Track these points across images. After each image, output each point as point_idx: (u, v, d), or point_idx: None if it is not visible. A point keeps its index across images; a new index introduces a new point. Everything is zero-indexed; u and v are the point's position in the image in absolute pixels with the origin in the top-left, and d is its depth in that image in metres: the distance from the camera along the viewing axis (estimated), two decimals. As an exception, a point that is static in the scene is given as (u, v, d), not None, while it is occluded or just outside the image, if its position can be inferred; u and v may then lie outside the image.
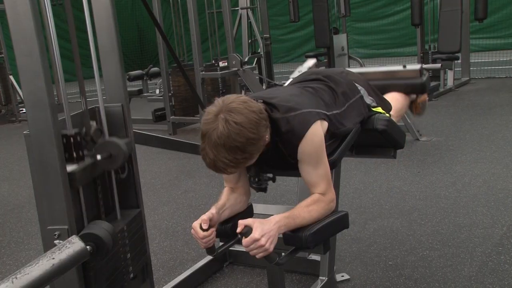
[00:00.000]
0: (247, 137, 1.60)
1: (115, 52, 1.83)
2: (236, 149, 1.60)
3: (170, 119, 6.55)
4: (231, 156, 1.60)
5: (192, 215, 3.62)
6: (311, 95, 1.96)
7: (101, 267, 1.64)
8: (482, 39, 11.12)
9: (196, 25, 5.99)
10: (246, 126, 1.60)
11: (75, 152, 1.60)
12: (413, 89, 2.56)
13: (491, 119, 5.60)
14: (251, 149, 1.64)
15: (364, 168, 4.26)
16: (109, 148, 1.68)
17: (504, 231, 2.89)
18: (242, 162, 1.66)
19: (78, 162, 1.61)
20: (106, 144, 1.69)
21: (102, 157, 1.66)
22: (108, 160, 1.67)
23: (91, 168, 1.66)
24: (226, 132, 1.58)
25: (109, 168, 1.72)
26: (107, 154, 1.67)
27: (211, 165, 1.64)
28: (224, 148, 1.59)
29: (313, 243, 1.72)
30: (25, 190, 4.58)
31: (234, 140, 1.58)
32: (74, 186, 1.57)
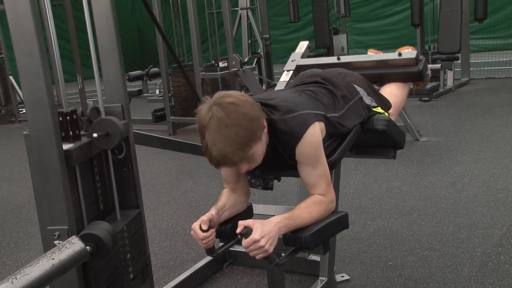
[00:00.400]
0: (244, 112, 1.63)
1: (115, 52, 1.83)
2: (239, 127, 1.61)
3: (170, 119, 6.55)
4: (236, 137, 1.60)
5: (192, 215, 3.62)
6: (310, 98, 1.96)
7: (101, 268, 1.64)
8: (482, 39, 11.12)
9: (196, 26, 5.99)
10: (240, 104, 1.63)
11: (71, 131, 1.60)
12: (410, 78, 2.55)
13: (491, 119, 5.61)
14: (253, 126, 1.65)
15: (364, 168, 4.26)
16: (105, 126, 1.66)
17: (504, 232, 2.89)
18: (247, 144, 1.64)
19: (75, 141, 1.60)
20: (102, 122, 1.67)
21: (98, 135, 1.64)
22: (105, 139, 1.66)
23: (87, 148, 1.65)
24: (223, 114, 1.60)
25: (106, 146, 1.69)
26: (104, 132, 1.66)
27: (219, 157, 1.63)
28: (226, 130, 1.59)
29: (313, 244, 1.72)
30: (25, 191, 4.58)
31: (233, 118, 1.60)
32: (70, 165, 1.56)
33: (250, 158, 1.69)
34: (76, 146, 1.58)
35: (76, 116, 1.61)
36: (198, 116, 1.67)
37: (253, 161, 1.72)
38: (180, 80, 6.33)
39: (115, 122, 1.66)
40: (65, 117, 1.59)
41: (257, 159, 1.73)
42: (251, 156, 1.68)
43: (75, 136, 1.61)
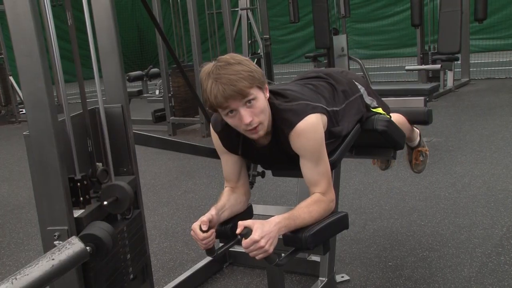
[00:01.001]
0: (246, 58, 1.73)
1: (115, 53, 1.83)
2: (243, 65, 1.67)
3: (170, 119, 6.56)
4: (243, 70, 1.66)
5: (192, 215, 3.62)
6: (312, 91, 1.96)
7: (101, 268, 1.64)
8: (482, 39, 11.13)
9: (196, 26, 5.99)
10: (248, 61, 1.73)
11: (81, 197, 1.61)
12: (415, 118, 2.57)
13: (491, 120, 5.61)
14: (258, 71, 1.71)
15: (364, 169, 4.26)
16: (115, 192, 1.67)
17: (504, 232, 2.89)
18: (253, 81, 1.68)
19: (85, 206, 1.61)
20: (112, 188, 1.68)
21: (108, 202, 1.66)
22: (115, 203, 1.67)
23: (97, 212, 1.67)
24: (228, 57, 1.70)
25: (116, 211, 1.72)
26: (113, 198, 1.67)
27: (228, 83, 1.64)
28: (233, 66, 1.67)
29: (313, 244, 1.72)
30: (25, 191, 4.58)
31: (239, 59, 1.70)
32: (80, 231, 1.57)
33: (254, 98, 1.70)
34: (86, 214, 1.60)
35: (86, 181, 1.62)
36: (201, 71, 1.71)
37: (256, 110, 1.71)
38: (180, 80, 6.33)
39: (124, 188, 1.67)
40: (76, 184, 1.59)
41: (260, 111, 1.72)
42: (255, 98, 1.70)
43: (85, 201, 1.62)
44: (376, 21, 12.91)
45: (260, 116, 1.72)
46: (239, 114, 1.70)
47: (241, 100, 1.67)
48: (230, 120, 1.74)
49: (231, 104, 1.67)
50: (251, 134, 1.76)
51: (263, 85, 1.73)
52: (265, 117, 1.74)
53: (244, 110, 1.69)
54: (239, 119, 1.71)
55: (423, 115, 2.57)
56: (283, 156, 1.89)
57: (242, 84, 1.64)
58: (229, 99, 1.66)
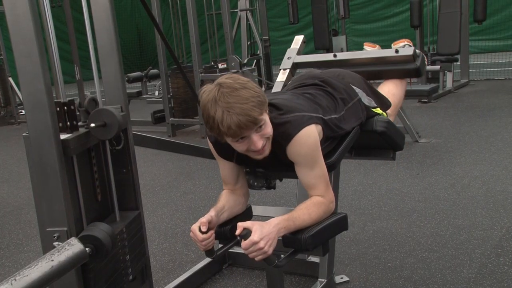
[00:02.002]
0: (248, 79, 1.67)
1: (114, 53, 1.83)
2: (251, 90, 1.63)
3: (169, 121, 6.56)
4: (251, 96, 1.62)
5: (191, 216, 3.62)
6: (309, 100, 1.96)
7: (101, 269, 1.64)
8: (481, 41, 11.12)
9: (195, 27, 5.99)
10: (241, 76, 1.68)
11: (68, 121, 1.59)
12: (408, 74, 2.55)
13: (490, 121, 5.61)
14: (260, 92, 1.67)
15: (363, 170, 4.26)
16: (103, 117, 1.65)
17: (503, 233, 2.89)
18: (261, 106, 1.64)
19: (72, 131, 1.60)
20: (100, 113, 1.66)
21: (96, 125, 1.64)
22: (102, 129, 1.65)
23: (85, 138, 1.64)
24: (231, 81, 1.64)
25: (104, 137, 1.68)
26: (101, 122, 1.65)
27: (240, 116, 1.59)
28: (240, 91, 1.61)
29: (312, 245, 1.72)
30: (24, 192, 4.58)
31: (244, 82, 1.64)
32: (67, 155, 1.55)
33: (264, 124, 1.68)
34: (73, 136, 1.58)
35: (73, 106, 1.60)
36: (202, 97, 1.65)
37: (265, 134, 1.71)
38: (179, 81, 6.33)
39: (112, 112, 1.65)
40: (63, 107, 1.58)
41: (267, 135, 1.71)
42: (264, 123, 1.68)
43: (72, 126, 1.60)
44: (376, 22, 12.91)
45: (267, 134, 1.72)
46: (249, 140, 1.68)
47: (253, 127, 1.65)
48: (238, 145, 1.71)
49: (244, 133, 1.65)
50: (257, 155, 1.75)
51: (266, 105, 1.71)
52: (269, 137, 1.74)
53: (255, 136, 1.68)
54: (248, 143, 1.69)
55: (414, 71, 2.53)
56: (279, 164, 1.89)
57: (255, 113, 1.62)
58: (243, 129, 1.63)
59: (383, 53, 2.57)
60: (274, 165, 1.94)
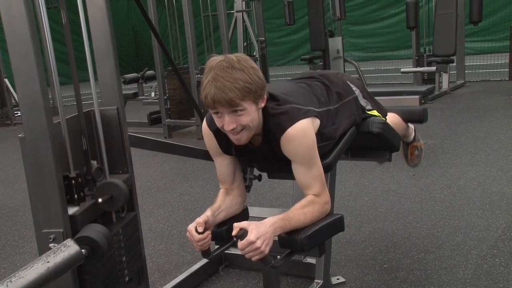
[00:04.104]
0: (256, 68, 1.70)
1: (111, 55, 1.82)
2: (246, 75, 1.66)
3: (165, 122, 6.55)
4: (240, 80, 1.64)
5: (187, 218, 3.62)
6: (304, 90, 1.96)
7: (97, 271, 1.64)
8: (477, 42, 11.16)
9: (191, 28, 5.99)
10: (254, 63, 1.71)
11: (76, 194, 1.61)
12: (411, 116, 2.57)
13: (486, 122, 5.63)
14: (258, 82, 1.69)
15: (359, 171, 4.26)
16: (110, 190, 1.67)
17: (499, 234, 2.89)
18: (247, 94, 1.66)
19: (79, 204, 1.61)
20: (106, 186, 1.68)
21: (103, 200, 1.66)
22: (109, 201, 1.67)
23: (92, 209, 1.66)
24: (236, 59, 1.67)
25: (110, 209, 1.72)
26: (108, 196, 1.67)
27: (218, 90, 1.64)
28: (234, 71, 1.65)
29: (308, 246, 1.72)
30: (20, 193, 4.57)
31: (244, 66, 1.66)
32: (75, 229, 1.57)
33: (243, 110, 1.69)
34: (81, 211, 1.60)
35: (81, 179, 1.61)
36: (208, 62, 1.71)
37: (243, 122, 1.71)
38: (175, 82, 6.32)
39: (119, 186, 1.67)
40: (71, 181, 1.59)
41: (246, 123, 1.72)
42: (244, 110, 1.68)
43: (79, 198, 1.62)
44: (372, 23, 12.94)
45: (246, 123, 1.73)
46: (224, 118, 1.71)
47: (228, 108, 1.68)
48: (216, 118, 1.76)
49: (218, 108, 1.69)
50: (232, 137, 1.77)
51: (259, 98, 1.72)
52: (251, 126, 1.75)
53: (229, 117, 1.70)
54: (222, 122, 1.73)
55: (418, 114, 2.57)
56: (274, 158, 1.89)
57: (233, 95, 1.64)
58: (216, 104, 1.67)
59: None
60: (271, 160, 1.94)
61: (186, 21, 6.00)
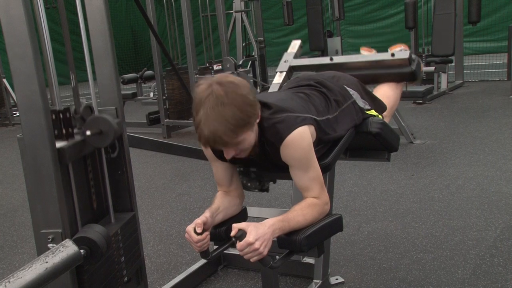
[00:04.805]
0: (243, 94, 1.62)
1: (109, 55, 1.82)
2: (235, 108, 1.60)
3: (164, 122, 6.55)
4: (231, 117, 1.59)
5: (186, 218, 3.62)
6: (302, 100, 1.96)
7: (95, 271, 1.64)
8: (476, 42, 11.18)
9: (190, 28, 5.99)
10: (240, 85, 1.63)
11: (64, 129, 1.59)
12: (404, 78, 2.55)
13: (484, 122, 5.63)
14: (249, 111, 1.64)
15: (358, 171, 4.27)
16: (98, 124, 1.65)
17: (498, 234, 2.90)
18: (241, 127, 1.63)
19: (68, 139, 1.59)
20: (95, 120, 1.66)
21: (91, 133, 1.63)
22: (98, 137, 1.65)
23: (80, 146, 1.64)
24: (222, 92, 1.59)
25: (99, 145, 1.68)
26: (97, 130, 1.65)
27: (210, 134, 1.60)
28: (223, 108, 1.58)
29: (307, 246, 1.72)
30: (18, 194, 4.56)
31: (232, 98, 1.60)
32: (63, 163, 1.55)
33: (239, 143, 1.67)
34: (69, 144, 1.57)
35: (69, 114, 1.60)
36: (195, 91, 1.66)
37: (242, 149, 1.71)
38: (174, 83, 6.32)
39: (108, 120, 1.65)
40: (58, 115, 1.58)
41: (245, 148, 1.72)
42: (241, 141, 1.67)
43: (68, 134, 1.60)
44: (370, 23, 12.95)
45: (245, 149, 1.73)
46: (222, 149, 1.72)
47: (225, 146, 1.68)
48: None
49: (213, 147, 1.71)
50: None
51: (254, 122, 1.70)
52: (250, 148, 1.75)
53: (227, 149, 1.70)
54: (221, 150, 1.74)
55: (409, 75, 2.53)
56: (272, 166, 1.89)
57: (227, 138, 1.62)
58: (212, 145, 1.68)
59: (379, 57, 2.57)
60: (267, 165, 1.94)
61: (185, 21, 5.99)
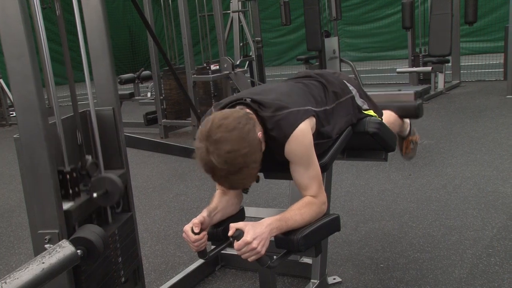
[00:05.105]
0: (243, 154, 1.61)
1: (106, 55, 1.82)
2: (242, 167, 1.62)
3: (161, 122, 6.54)
4: (241, 175, 1.64)
5: (184, 218, 3.61)
6: (301, 90, 1.96)
7: (92, 271, 1.63)
8: (472, 42, 11.19)
9: (187, 28, 5.99)
10: (237, 148, 1.60)
11: (71, 189, 1.60)
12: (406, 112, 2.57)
13: (481, 121, 5.64)
14: (254, 158, 1.66)
15: (355, 171, 4.27)
16: (105, 185, 1.67)
17: (494, 233, 2.90)
18: (253, 169, 1.67)
19: (74, 199, 1.61)
20: (102, 181, 1.68)
21: (98, 195, 1.65)
22: (104, 196, 1.67)
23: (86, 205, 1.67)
24: (222, 162, 1.60)
25: (105, 204, 1.72)
26: (103, 191, 1.66)
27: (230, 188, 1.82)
28: (230, 175, 1.63)
29: (304, 246, 1.72)
30: (15, 194, 4.55)
31: (233, 165, 1.61)
32: (70, 224, 1.57)
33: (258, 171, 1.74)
34: (75, 206, 1.60)
35: (76, 174, 1.61)
36: (195, 146, 1.66)
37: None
38: (172, 83, 6.32)
39: (114, 181, 1.66)
40: (65, 176, 1.59)
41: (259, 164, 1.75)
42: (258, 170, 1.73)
43: (74, 194, 1.61)
44: (368, 23, 12.96)
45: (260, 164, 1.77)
46: None
47: None
48: None
49: None
50: None
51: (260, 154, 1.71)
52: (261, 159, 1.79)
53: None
54: None
55: (413, 110, 2.57)
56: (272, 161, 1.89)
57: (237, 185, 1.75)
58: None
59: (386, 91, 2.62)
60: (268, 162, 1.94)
61: (182, 21, 5.99)
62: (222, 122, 1.61)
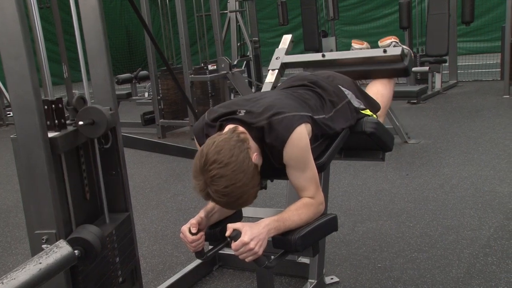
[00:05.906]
0: (241, 185, 1.62)
1: (103, 55, 1.82)
2: (241, 196, 1.64)
3: (159, 122, 6.54)
4: (242, 200, 1.66)
5: (181, 218, 3.61)
6: (297, 100, 1.95)
7: (90, 271, 1.63)
8: (469, 42, 11.22)
9: (185, 28, 5.98)
10: (234, 182, 1.60)
11: (56, 119, 1.58)
12: (396, 74, 2.55)
13: (478, 121, 5.65)
14: (252, 184, 1.67)
15: (352, 171, 4.27)
16: (91, 115, 1.64)
17: (491, 233, 2.91)
18: (253, 192, 1.69)
19: (60, 130, 1.59)
20: (88, 111, 1.65)
21: (84, 123, 1.63)
22: (91, 127, 1.64)
23: (73, 136, 1.63)
24: (222, 196, 1.61)
25: (92, 135, 1.68)
26: (89, 120, 1.64)
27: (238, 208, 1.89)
28: (230, 203, 1.66)
29: (302, 246, 1.72)
30: (12, 194, 4.54)
31: (232, 196, 1.62)
32: (55, 153, 1.54)
33: None
34: (61, 134, 1.57)
35: (61, 104, 1.59)
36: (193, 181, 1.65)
37: None
38: (169, 83, 6.31)
39: (100, 110, 1.64)
40: (50, 105, 1.57)
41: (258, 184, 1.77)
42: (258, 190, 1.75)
43: (60, 124, 1.59)
44: (365, 23, 12.97)
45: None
46: None
47: None
48: None
49: None
50: None
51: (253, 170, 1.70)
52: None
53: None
54: None
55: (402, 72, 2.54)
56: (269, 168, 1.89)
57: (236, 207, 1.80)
58: None
59: (371, 53, 2.57)
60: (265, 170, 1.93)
61: (179, 21, 5.99)
62: (216, 157, 1.60)
